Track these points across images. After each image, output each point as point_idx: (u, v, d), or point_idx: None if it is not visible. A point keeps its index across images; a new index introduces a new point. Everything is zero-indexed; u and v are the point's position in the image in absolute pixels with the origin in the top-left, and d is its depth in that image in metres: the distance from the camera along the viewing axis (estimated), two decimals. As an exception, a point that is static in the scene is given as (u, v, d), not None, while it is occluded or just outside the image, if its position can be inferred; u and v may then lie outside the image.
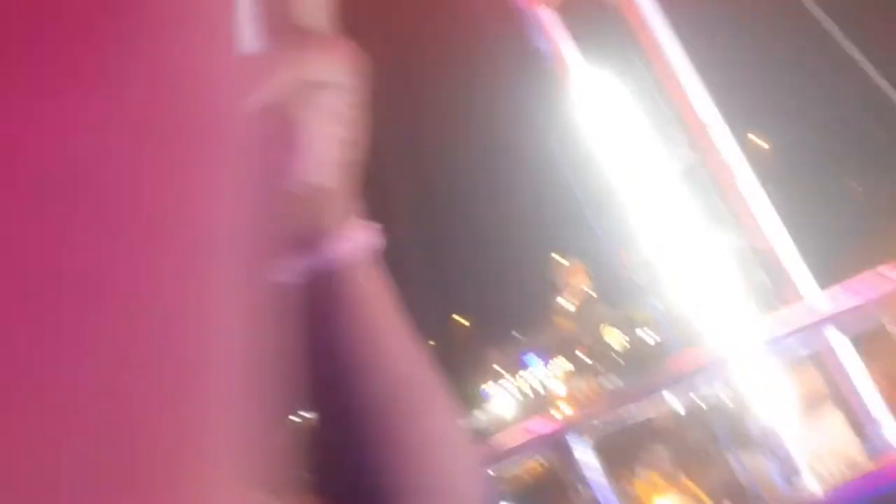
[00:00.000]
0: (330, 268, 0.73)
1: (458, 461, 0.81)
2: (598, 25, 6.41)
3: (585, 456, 1.70)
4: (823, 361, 4.87)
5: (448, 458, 0.79)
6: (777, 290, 5.51)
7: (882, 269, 4.02)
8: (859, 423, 4.85)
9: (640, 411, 1.99)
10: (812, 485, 5.33)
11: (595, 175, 6.54)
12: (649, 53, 5.93)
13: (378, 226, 0.76)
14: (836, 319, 4.13)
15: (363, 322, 0.75)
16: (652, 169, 5.86)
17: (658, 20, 5.80)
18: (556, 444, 1.62)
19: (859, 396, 4.81)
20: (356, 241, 0.74)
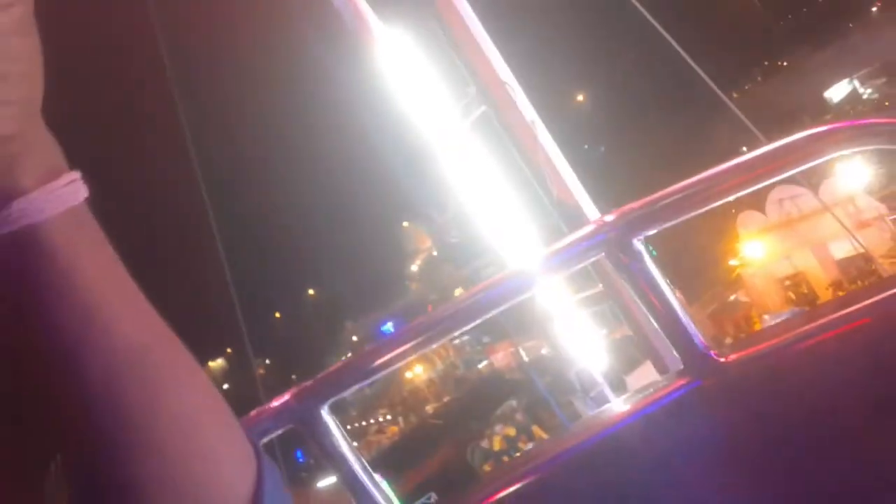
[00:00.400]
0: (24, 233, 0.58)
1: (219, 439, 0.67)
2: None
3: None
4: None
5: (205, 436, 0.66)
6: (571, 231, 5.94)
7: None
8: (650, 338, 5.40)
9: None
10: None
11: (405, 136, 6.71)
12: (446, 16, 6.10)
13: (79, 174, 0.62)
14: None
15: (76, 291, 0.60)
16: (449, 123, 6.12)
17: None
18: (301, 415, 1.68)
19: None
20: (56, 197, 0.59)
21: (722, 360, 2.14)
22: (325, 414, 2.08)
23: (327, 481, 32.71)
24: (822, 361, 2.03)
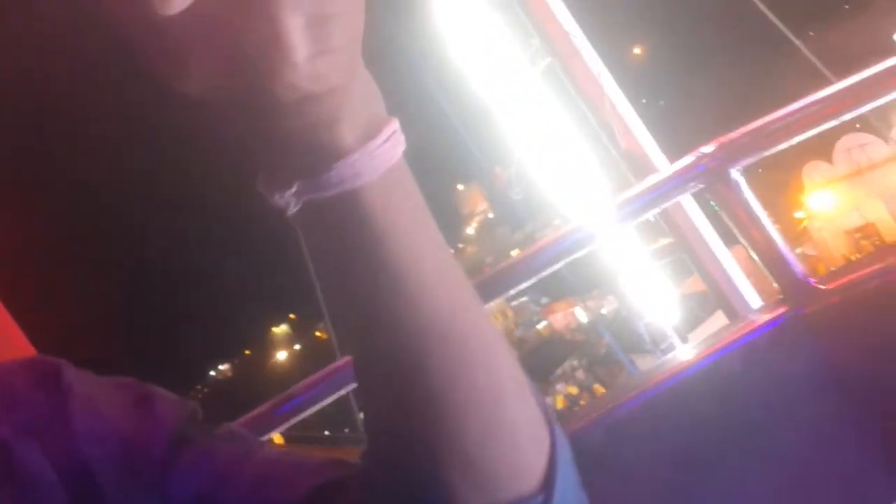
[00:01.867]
0: (341, 198, 0.55)
1: (518, 410, 0.64)
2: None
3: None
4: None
5: (506, 409, 0.63)
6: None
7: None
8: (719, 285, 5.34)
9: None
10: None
11: (466, 95, 6.71)
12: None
13: (396, 124, 0.59)
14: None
15: (385, 259, 0.57)
16: (514, 76, 6.09)
17: None
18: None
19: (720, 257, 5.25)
20: (375, 158, 0.55)
21: (823, 287, 2.12)
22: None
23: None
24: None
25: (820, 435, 2.09)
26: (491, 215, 64.90)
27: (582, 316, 44.72)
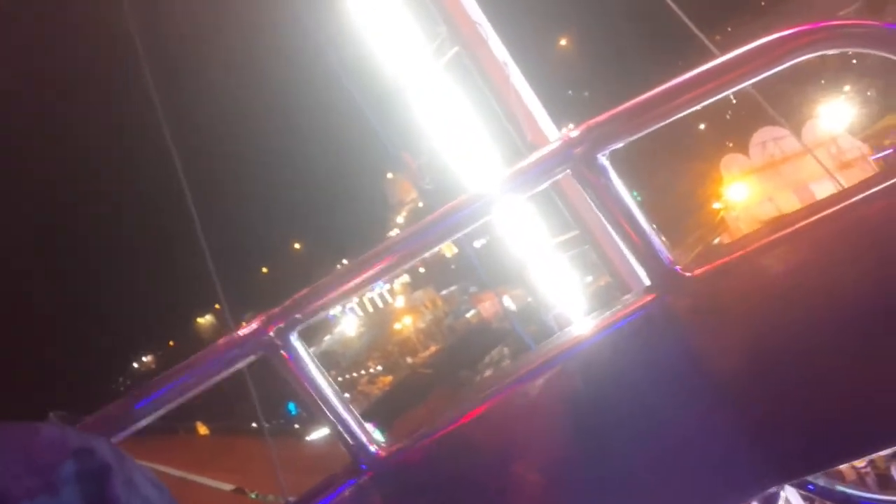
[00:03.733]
0: None
1: None
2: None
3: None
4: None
5: None
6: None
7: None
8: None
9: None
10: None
11: (375, 84, 6.63)
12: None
13: None
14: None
15: None
16: (420, 64, 6.03)
17: None
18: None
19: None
20: None
21: (688, 274, 2.14)
22: (295, 340, 2.08)
23: (318, 434, 33.06)
24: (789, 270, 2.03)
25: (684, 414, 2.13)
26: (421, 204, 64.87)
27: (510, 304, 45.19)
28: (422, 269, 63.22)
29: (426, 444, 2.27)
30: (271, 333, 2.05)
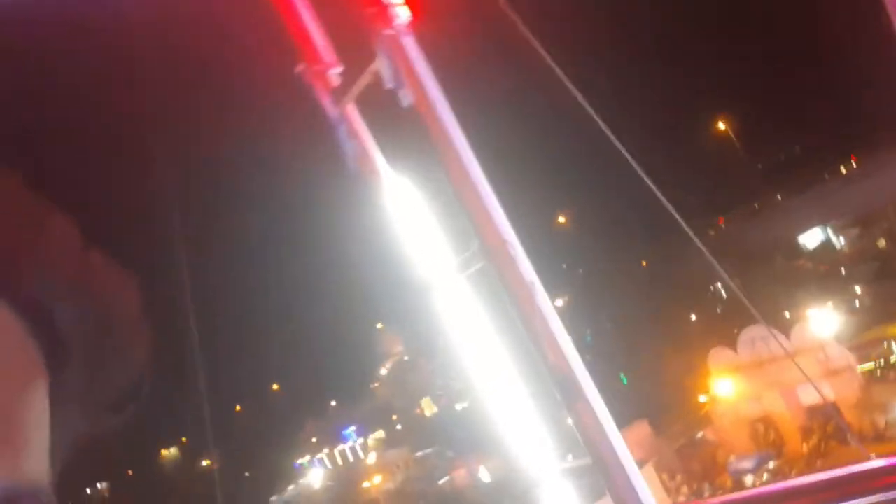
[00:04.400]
0: None
1: None
2: (394, 123, 6.72)
3: None
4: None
5: None
6: (565, 400, 5.85)
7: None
8: None
9: None
10: None
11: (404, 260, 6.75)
12: (444, 155, 6.24)
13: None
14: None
15: None
16: (444, 270, 6.16)
17: (451, 120, 6.10)
18: None
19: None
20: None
21: None
22: None
23: None
24: None
25: None
26: (406, 358, 64.39)
27: (485, 476, 43.83)
28: (399, 426, 61.76)
29: None
30: None
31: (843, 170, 54.92)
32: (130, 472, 73.82)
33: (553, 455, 6.76)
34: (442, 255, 6.30)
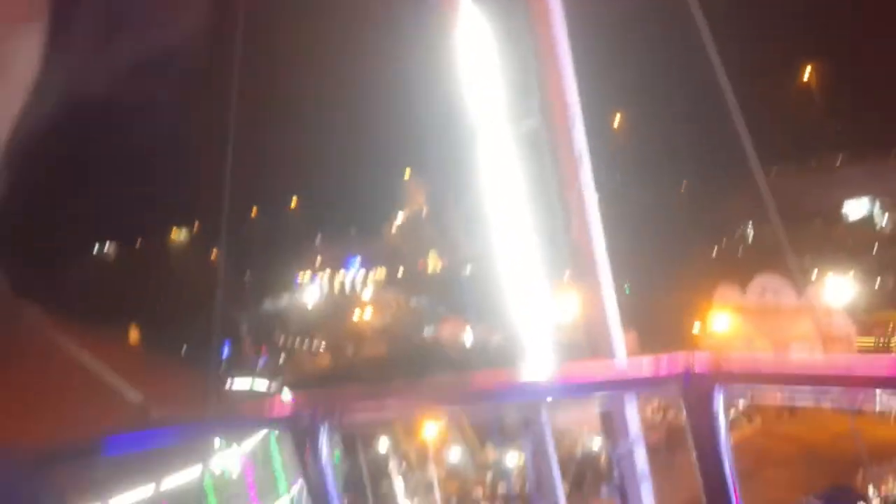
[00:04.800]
0: None
1: None
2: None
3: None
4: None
5: None
6: (577, 279, 5.86)
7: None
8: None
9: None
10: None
11: (456, 107, 6.62)
12: (536, 16, 5.99)
13: None
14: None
15: None
16: (500, 123, 6.05)
17: None
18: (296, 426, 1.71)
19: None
20: None
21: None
22: (323, 434, 2.08)
23: (241, 385, 32.78)
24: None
25: None
26: (425, 212, 64.87)
27: (469, 337, 45.18)
28: (401, 272, 63.21)
29: None
30: (306, 416, 2.06)
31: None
32: (139, 241, 76.32)
33: (547, 332, 6.90)
34: (499, 103, 6.17)
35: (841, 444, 25.94)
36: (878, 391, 1.96)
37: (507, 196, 6.13)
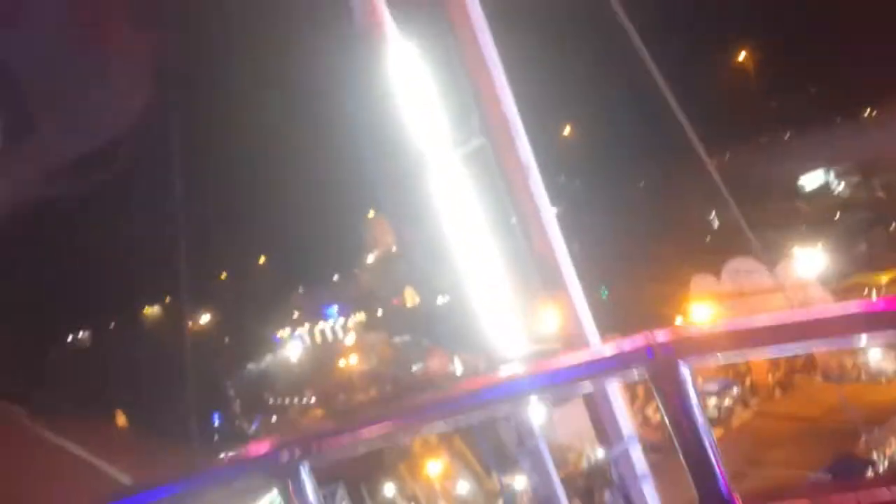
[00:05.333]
0: None
1: None
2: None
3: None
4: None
5: None
6: (547, 290, 5.89)
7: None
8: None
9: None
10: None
11: (401, 140, 6.64)
12: (462, 37, 6.06)
13: None
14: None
15: None
16: (442, 147, 6.08)
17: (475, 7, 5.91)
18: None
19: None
20: None
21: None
22: (305, 473, 2.06)
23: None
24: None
25: None
26: (394, 249, 64.73)
27: (458, 366, 44.96)
28: (380, 312, 62.85)
29: None
30: (284, 459, 2.03)
31: (856, 117, 54.10)
32: (112, 324, 75.13)
33: (525, 345, 6.88)
34: (440, 128, 6.22)
35: (836, 415, 26.15)
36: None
37: (465, 218, 6.16)
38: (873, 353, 30.66)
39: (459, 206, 6.11)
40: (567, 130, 59.25)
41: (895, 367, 29.96)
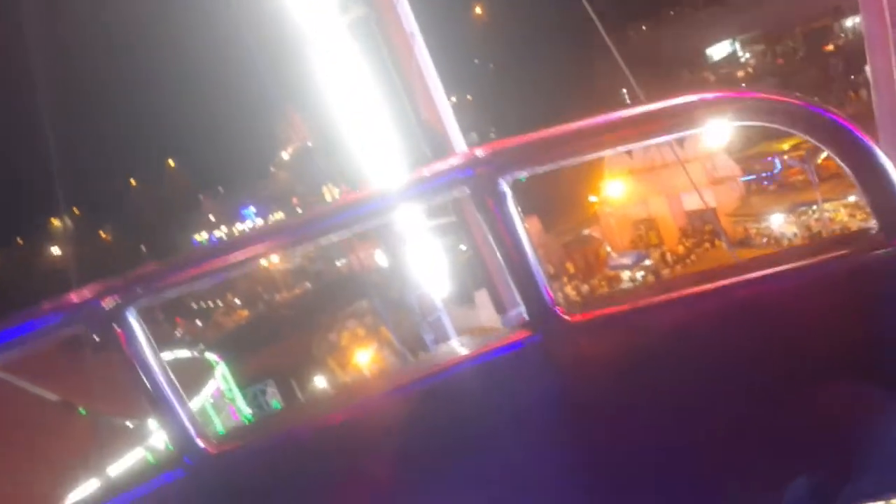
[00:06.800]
0: None
1: None
2: None
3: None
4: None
5: None
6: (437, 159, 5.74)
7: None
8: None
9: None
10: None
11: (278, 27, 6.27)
12: None
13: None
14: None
15: None
16: (325, 17, 5.73)
17: None
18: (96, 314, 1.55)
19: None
20: None
21: (568, 318, 2.08)
22: (132, 316, 1.88)
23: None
24: (674, 334, 2.01)
25: (539, 458, 2.09)
26: (310, 143, 63.25)
27: (382, 259, 45.14)
28: (299, 210, 62.00)
29: (264, 447, 2.14)
30: (106, 305, 1.84)
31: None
32: (20, 241, 72.17)
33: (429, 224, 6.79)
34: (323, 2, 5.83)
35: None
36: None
37: (356, 91, 5.89)
38: (775, 219, 32.13)
39: (347, 76, 5.83)
40: (478, 10, 57.90)
41: (794, 230, 31.52)
